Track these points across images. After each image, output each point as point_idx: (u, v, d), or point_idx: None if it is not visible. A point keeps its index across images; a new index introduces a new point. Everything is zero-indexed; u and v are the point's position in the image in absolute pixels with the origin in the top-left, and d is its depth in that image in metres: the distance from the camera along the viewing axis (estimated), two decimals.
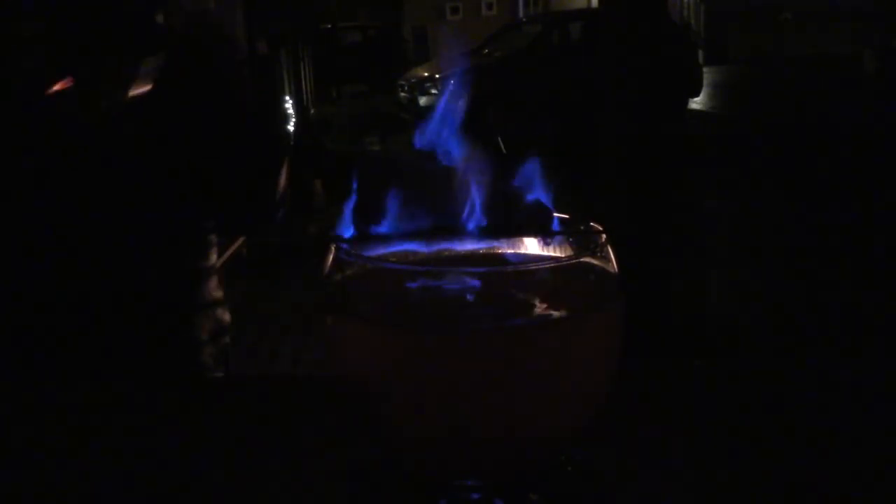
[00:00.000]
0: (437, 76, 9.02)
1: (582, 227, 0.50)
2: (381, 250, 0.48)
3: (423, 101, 9.01)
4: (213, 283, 1.15)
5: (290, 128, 6.06)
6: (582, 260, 0.48)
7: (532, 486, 0.54)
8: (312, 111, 6.93)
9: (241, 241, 3.82)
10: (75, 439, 0.68)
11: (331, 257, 0.48)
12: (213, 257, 1.16)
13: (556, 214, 0.50)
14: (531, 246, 0.51)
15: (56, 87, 0.94)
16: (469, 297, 0.46)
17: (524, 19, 13.23)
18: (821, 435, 0.64)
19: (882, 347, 2.92)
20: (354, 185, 0.48)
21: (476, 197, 0.48)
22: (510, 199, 0.49)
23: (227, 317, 1.17)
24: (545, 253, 0.51)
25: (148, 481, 0.61)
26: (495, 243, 0.51)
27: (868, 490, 0.57)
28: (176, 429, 0.69)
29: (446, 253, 0.50)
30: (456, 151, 0.49)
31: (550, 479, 0.56)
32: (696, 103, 9.24)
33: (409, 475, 0.52)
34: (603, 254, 0.48)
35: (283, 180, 1.13)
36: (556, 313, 0.46)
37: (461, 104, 0.50)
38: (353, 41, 14.51)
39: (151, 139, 1.02)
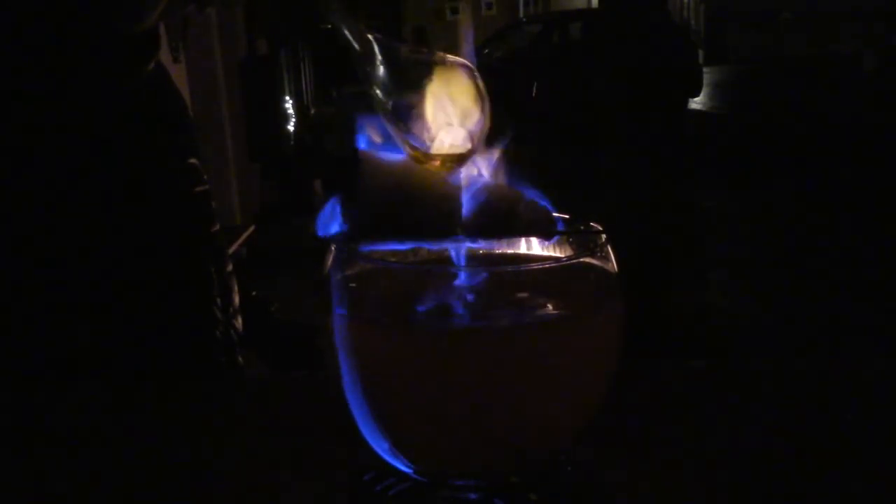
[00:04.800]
0: None
1: (582, 227, 0.50)
2: (381, 250, 0.48)
3: None
4: (233, 289, 1.15)
5: (290, 128, 6.06)
6: (582, 260, 0.48)
7: (532, 486, 0.54)
8: (312, 111, 6.92)
9: (241, 241, 3.82)
10: (80, 437, 0.68)
11: (331, 257, 0.48)
12: (230, 264, 1.16)
13: (556, 214, 0.50)
14: (531, 246, 0.51)
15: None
16: (469, 296, 0.46)
17: (524, 19, 13.23)
18: (822, 435, 0.64)
19: (883, 347, 2.92)
20: (354, 186, 0.48)
21: (476, 196, 0.48)
22: (510, 199, 0.49)
23: (239, 322, 1.17)
24: (545, 253, 0.51)
25: (148, 480, 0.61)
26: (495, 243, 0.51)
27: (869, 490, 0.57)
28: (176, 429, 0.69)
29: (446, 253, 0.50)
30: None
31: (550, 479, 0.56)
32: (696, 103, 9.24)
33: (409, 475, 0.51)
34: (603, 254, 0.48)
35: None
36: (555, 313, 0.46)
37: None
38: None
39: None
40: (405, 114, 0.48)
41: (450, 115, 0.48)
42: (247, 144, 5.41)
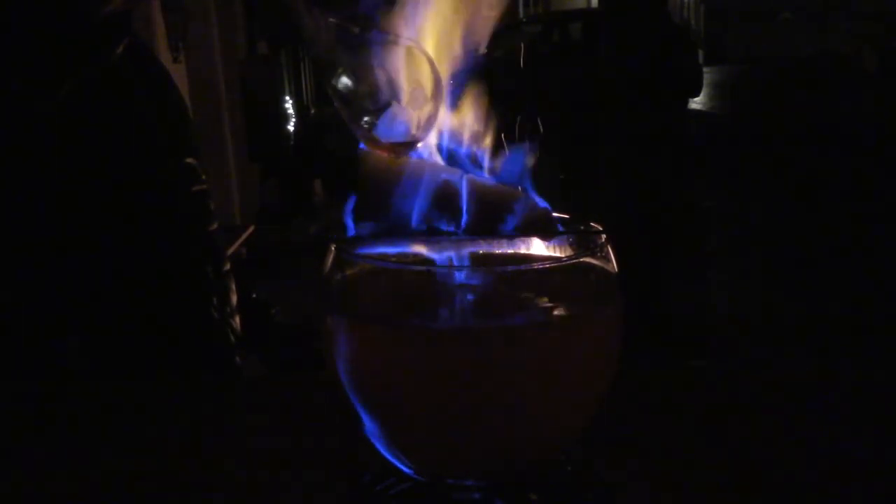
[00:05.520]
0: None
1: (582, 227, 0.50)
2: (381, 250, 0.48)
3: None
4: (231, 289, 1.15)
5: (290, 128, 6.06)
6: (582, 260, 0.48)
7: (532, 486, 0.54)
8: (312, 111, 6.92)
9: (241, 241, 3.82)
10: (78, 438, 0.68)
11: (331, 257, 0.48)
12: (228, 264, 1.16)
13: (556, 214, 0.50)
14: (531, 246, 0.51)
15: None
16: (469, 296, 0.46)
17: (524, 19, 13.23)
18: (821, 435, 0.64)
19: (882, 347, 2.92)
20: (354, 186, 0.48)
21: (476, 196, 0.48)
22: (510, 198, 0.48)
23: (237, 322, 1.17)
24: (545, 253, 0.51)
25: (147, 481, 0.61)
26: (495, 243, 0.51)
27: (868, 490, 0.57)
28: (176, 429, 0.69)
29: (446, 253, 0.49)
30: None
31: (550, 479, 0.56)
32: (696, 103, 9.24)
33: (410, 475, 0.52)
34: (603, 254, 0.48)
35: None
36: (555, 313, 0.46)
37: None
38: None
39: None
40: (354, 96, 0.48)
41: (399, 97, 0.48)
42: (247, 144, 5.41)
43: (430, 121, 0.48)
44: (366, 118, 0.48)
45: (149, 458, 0.64)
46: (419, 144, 0.49)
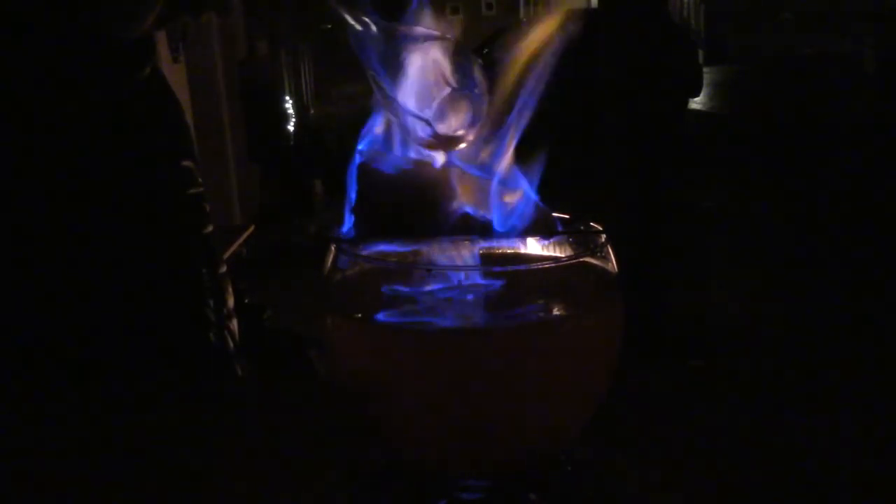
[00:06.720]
0: None
1: (582, 227, 0.50)
2: (381, 250, 0.48)
3: None
4: (227, 291, 1.14)
5: (290, 128, 6.06)
6: (582, 260, 0.48)
7: (532, 486, 0.54)
8: (312, 111, 6.93)
9: (240, 241, 3.82)
10: (78, 440, 0.68)
11: (331, 257, 0.48)
12: (224, 266, 1.15)
13: (556, 214, 0.50)
14: (531, 246, 0.51)
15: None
16: (469, 296, 0.46)
17: (524, 19, 13.22)
18: (821, 435, 0.64)
19: (882, 348, 2.92)
20: (354, 186, 0.48)
21: (475, 197, 0.48)
22: (510, 199, 0.48)
23: (234, 325, 1.16)
24: (545, 253, 0.51)
25: (148, 481, 0.61)
26: (495, 243, 0.51)
27: (868, 490, 0.57)
28: (176, 428, 0.69)
29: (446, 253, 0.49)
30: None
31: (550, 479, 0.56)
32: (696, 103, 9.23)
33: (409, 475, 0.52)
34: (603, 254, 0.48)
35: None
36: (555, 313, 0.46)
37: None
38: None
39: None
40: (406, 91, 0.47)
41: (449, 92, 0.47)
42: (247, 144, 5.42)
43: (481, 115, 0.47)
44: (415, 114, 0.47)
45: (148, 458, 0.64)
46: (468, 139, 0.48)
